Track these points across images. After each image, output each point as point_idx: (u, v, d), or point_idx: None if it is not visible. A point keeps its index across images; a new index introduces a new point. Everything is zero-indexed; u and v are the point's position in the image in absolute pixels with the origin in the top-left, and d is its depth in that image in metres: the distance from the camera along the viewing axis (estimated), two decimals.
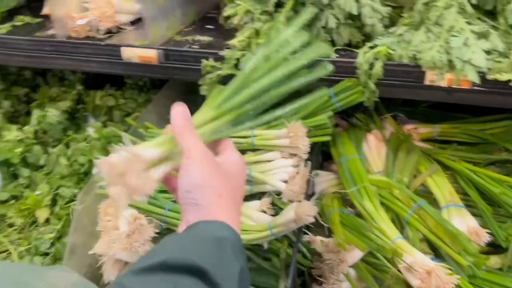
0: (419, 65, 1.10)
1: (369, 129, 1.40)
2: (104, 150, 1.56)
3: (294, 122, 1.15)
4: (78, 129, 1.66)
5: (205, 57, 1.27)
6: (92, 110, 1.68)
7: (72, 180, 1.51)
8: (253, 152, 1.23)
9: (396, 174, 1.28)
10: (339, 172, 1.25)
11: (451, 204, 1.18)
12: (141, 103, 1.67)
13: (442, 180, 1.25)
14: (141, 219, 1.09)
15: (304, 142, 1.14)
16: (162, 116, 1.57)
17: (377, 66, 1.13)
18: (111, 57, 1.38)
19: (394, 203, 1.15)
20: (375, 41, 1.18)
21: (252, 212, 1.14)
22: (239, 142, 1.21)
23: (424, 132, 1.50)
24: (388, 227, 1.08)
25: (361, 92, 1.16)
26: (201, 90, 1.29)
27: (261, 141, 1.19)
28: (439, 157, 1.34)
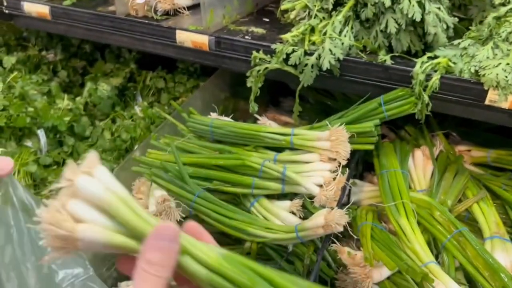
0: (481, 82, 1.02)
1: (418, 145, 1.32)
2: (147, 129, 1.58)
3: (337, 126, 1.10)
4: (126, 107, 1.69)
5: (256, 48, 1.25)
6: (142, 89, 1.71)
7: (113, 155, 1.54)
8: (291, 151, 1.20)
9: (440, 195, 1.20)
10: (379, 184, 1.19)
11: (496, 236, 1.09)
12: (189, 88, 1.67)
13: (489, 208, 1.16)
14: (170, 202, 1.09)
15: (345, 147, 1.10)
16: (207, 103, 1.56)
17: (435, 78, 1.07)
18: (165, 39, 1.39)
19: (433, 225, 1.08)
20: (436, 52, 1.11)
21: (281, 212, 1.10)
22: (277, 139, 1.18)
23: (478, 156, 1.41)
24: (422, 249, 1.01)
25: (414, 103, 1.10)
26: (247, 82, 1.27)
27: (300, 141, 1.15)
28: (490, 184, 1.25)
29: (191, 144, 1.29)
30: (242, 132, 1.23)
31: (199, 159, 1.18)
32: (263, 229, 1.03)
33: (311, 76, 1.19)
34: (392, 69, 1.13)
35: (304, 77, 1.19)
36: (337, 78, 1.19)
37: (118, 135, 1.58)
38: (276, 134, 1.19)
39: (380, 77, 1.15)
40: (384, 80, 1.15)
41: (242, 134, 1.23)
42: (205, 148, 1.26)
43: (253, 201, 1.14)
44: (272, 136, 1.19)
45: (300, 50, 1.18)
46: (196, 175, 1.16)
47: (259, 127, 1.22)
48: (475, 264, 0.98)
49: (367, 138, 1.13)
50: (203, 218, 1.09)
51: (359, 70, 1.16)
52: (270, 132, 1.20)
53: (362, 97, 1.19)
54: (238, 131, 1.23)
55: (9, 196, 0.93)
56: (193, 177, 1.15)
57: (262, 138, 1.21)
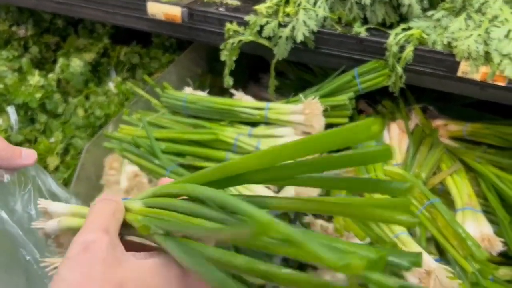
0: (453, 53, 1.02)
1: (394, 118, 1.32)
2: (121, 105, 1.55)
3: (311, 99, 1.09)
4: (100, 83, 1.65)
5: (230, 20, 1.22)
6: (116, 65, 1.67)
7: (87, 132, 1.51)
8: (266, 125, 1.19)
9: (415, 168, 1.21)
10: None
11: (468, 207, 1.10)
12: (165, 64, 1.64)
13: (462, 180, 1.17)
14: (141, 177, 1.07)
15: (319, 121, 1.09)
16: (182, 79, 1.54)
17: (408, 49, 1.06)
18: (137, 11, 1.35)
19: None
20: (410, 23, 1.10)
21: (255, 187, 1.10)
22: (251, 114, 1.16)
23: (454, 130, 1.41)
24: None
25: (387, 75, 1.09)
26: (221, 55, 1.25)
27: (275, 115, 1.14)
28: (464, 157, 1.26)
29: (165, 119, 1.27)
30: (217, 107, 1.21)
31: (172, 134, 1.17)
32: None
33: (285, 49, 1.17)
34: (366, 41, 1.11)
35: (278, 50, 1.17)
36: (312, 51, 1.17)
37: (91, 112, 1.54)
38: (251, 108, 1.18)
39: (355, 49, 1.13)
40: (359, 52, 1.13)
41: (217, 109, 1.21)
42: (179, 123, 1.24)
43: None
44: (246, 111, 1.18)
45: (274, 22, 1.16)
46: (169, 150, 1.14)
47: (234, 102, 1.20)
48: (445, 234, 0.99)
49: (342, 111, 1.12)
50: None
51: (334, 43, 1.15)
52: (245, 107, 1.18)
53: (338, 69, 1.18)
54: (212, 106, 1.21)
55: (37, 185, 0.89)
56: (166, 152, 1.14)
57: (236, 113, 1.19)
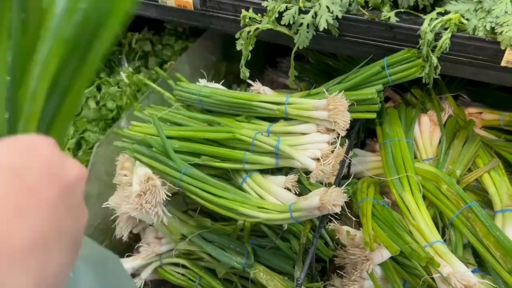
0: (497, 41, 0.90)
1: (425, 109, 1.22)
2: (134, 97, 1.48)
3: (335, 93, 1.00)
4: (112, 72, 1.58)
5: (246, 7, 1.13)
6: (127, 53, 1.59)
7: (99, 125, 1.45)
8: (286, 121, 1.10)
9: (448, 164, 1.11)
10: (381, 155, 1.10)
11: (508, 209, 1.00)
12: (178, 51, 1.55)
13: (501, 178, 1.07)
14: (154, 180, 1.01)
15: (344, 117, 0.99)
16: (196, 68, 1.45)
17: (445, 37, 0.95)
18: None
19: (440, 199, 0.99)
20: (446, 7, 0.98)
21: (275, 188, 1.02)
22: (270, 109, 1.08)
23: (489, 118, 1.30)
24: (428, 227, 0.93)
25: (420, 66, 0.98)
26: (237, 45, 1.15)
27: (295, 111, 1.05)
28: (502, 151, 1.15)
29: (178, 115, 1.19)
30: (232, 102, 1.12)
31: (185, 132, 1.09)
32: (255, 208, 0.95)
33: (307, 37, 1.07)
34: (396, 28, 1.01)
35: (299, 38, 1.07)
36: (336, 39, 1.07)
37: (103, 103, 1.48)
38: (269, 103, 1.09)
39: (384, 36, 1.03)
40: (388, 40, 1.03)
41: (232, 104, 1.13)
42: (193, 120, 1.16)
43: (246, 176, 1.05)
44: (264, 106, 1.09)
45: (294, 7, 1.06)
46: (183, 149, 1.06)
47: (251, 96, 1.11)
48: (485, 242, 0.90)
49: (369, 105, 1.03)
50: (191, 197, 1.01)
51: (361, 29, 1.04)
52: (263, 101, 1.09)
53: (365, 58, 1.08)
54: (228, 100, 1.13)
55: None
56: (180, 152, 1.06)
57: (254, 108, 1.11)
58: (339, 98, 0.99)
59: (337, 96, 0.99)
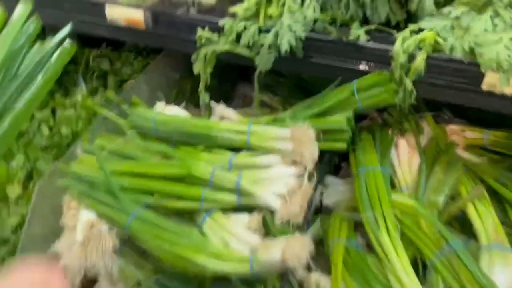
0: (477, 63, 0.81)
1: (403, 129, 1.11)
2: (90, 121, 1.36)
3: (299, 124, 0.89)
4: (67, 93, 1.46)
5: (201, 25, 1.02)
6: (84, 72, 1.47)
7: (52, 153, 1.33)
8: (249, 151, 0.99)
9: (429, 194, 1.01)
10: (355, 187, 1.00)
11: (495, 245, 0.91)
12: (138, 69, 1.43)
13: (487, 209, 0.98)
14: (99, 226, 0.89)
15: (311, 148, 0.89)
16: (157, 87, 1.33)
17: (419, 58, 0.85)
18: (95, 16, 1.14)
19: (419, 237, 0.90)
20: (421, 24, 0.88)
21: (237, 230, 0.91)
22: (231, 139, 0.97)
23: (472, 137, 1.21)
24: (406, 272, 0.83)
25: (393, 91, 0.88)
26: (194, 67, 1.04)
27: (258, 141, 0.95)
28: (486, 176, 1.06)
29: (132, 145, 1.07)
30: (190, 131, 1.01)
31: (137, 168, 0.98)
32: (213, 257, 0.84)
33: (269, 59, 0.96)
34: (366, 49, 0.90)
35: (260, 60, 0.97)
36: (301, 60, 0.96)
37: (58, 129, 1.35)
38: (231, 132, 0.98)
39: (353, 57, 0.93)
40: (358, 61, 0.92)
41: (191, 133, 1.02)
42: (148, 151, 1.04)
43: (205, 215, 0.95)
44: (225, 135, 0.98)
45: (254, 26, 0.95)
46: (134, 187, 0.95)
47: (210, 124, 1.00)
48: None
49: (339, 134, 0.93)
50: (141, 244, 0.90)
51: (327, 50, 0.94)
52: (224, 130, 0.99)
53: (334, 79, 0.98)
54: (185, 130, 1.02)
55: None
56: (131, 190, 0.95)
57: (214, 137, 1.00)
58: (304, 128, 0.89)
59: (302, 126, 0.89)
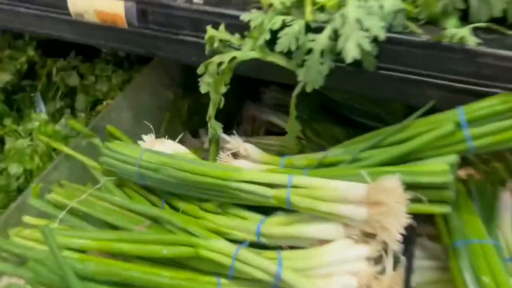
0: None
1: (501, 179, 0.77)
2: (49, 158, 0.99)
3: (384, 177, 0.55)
4: (21, 118, 1.09)
5: (213, 21, 0.67)
6: (45, 89, 1.11)
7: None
8: (288, 214, 0.64)
9: None
10: (451, 266, 0.65)
11: None
12: (117, 85, 1.07)
13: None
14: None
15: (397, 217, 0.54)
16: (141, 112, 0.98)
17: None
18: (54, 10, 0.79)
19: None
20: None
21: None
22: (259, 194, 0.62)
23: None
24: None
25: None
26: (201, 85, 0.69)
27: (306, 201, 0.60)
28: None
29: (104, 202, 0.71)
30: (197, 181, 0.66)
31: (109, 244, 0.61)
32: None
33: (319, 72, 0.62)
34: (480, 56, 0.57)
35: (307, 74, 0.62)
36: (369, 75, 0.62)
37: (5, 167, 0.98)
38: (259, 184, 0.63)
39: (457, 71, 0.59)
40: (465, 77, 0.59)
41: (197, 185, 0.66)
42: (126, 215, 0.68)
43: None
44: (250, 189, 0.63)
45: (298, 23, 0.61)
46: (103, 277, 0.59)
47: (227, 173, 0.65)
48: None
49: (437, 191, 0.58)
50: None
51: (415, 59, 0.60)
52: (247, 181, 0.63)
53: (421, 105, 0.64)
54: (187, 179, 0.66)
55: None
56: (98, 282, 0.59)
57: (232, 192, 0.64)
58: (390, 185, 0.54)
59: (388, 180, 0.54)
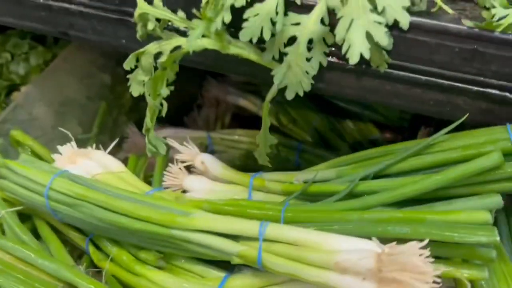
0: None
1: None
2: None
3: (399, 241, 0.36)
4: None
5: None
6: None
7: None
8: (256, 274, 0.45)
9: None
10: None
11: None
12: (35, 67, 0.82)
13: None
14: None
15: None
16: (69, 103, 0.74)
17: None
18: None
19: None
20: None
21: None
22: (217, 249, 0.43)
23: None
24: None
25: None
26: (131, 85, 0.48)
27: (283, 261, 0.41)
28: None
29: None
30: (127, 226, 0.45)
31: None
32: None
33: (306, 72, 0.41)
34: None
35: (287, 74, 0.42)
36: (379, 76, 0.42)
37: None
38: (215, 234, 0.43)
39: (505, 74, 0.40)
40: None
41: (128, 230, 0.46)
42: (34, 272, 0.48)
43: None
44: (206, 243, 0.43)
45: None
46: None
47: (170, 217, 0.45)
48: None
49: (472, 250, 0.40)
50: None
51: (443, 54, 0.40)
52: (198, 231, 0.44)
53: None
54: (113, 222, 0.46)
55: None
56: None
57: (178, 243, 0.45)
58: (411, 255, 0.36)
59: (407, 249, 0.36)
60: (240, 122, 1.05)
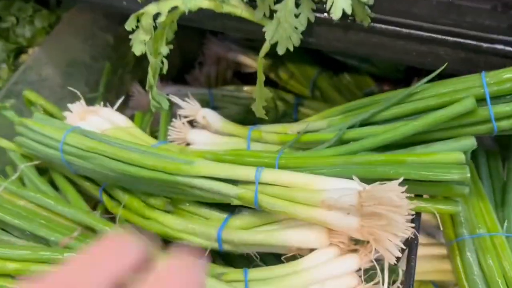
0: None
1: None
2: None
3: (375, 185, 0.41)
4: None
5: None
6: None
7: None
8: (254, 214, 0.50)
9: None
10: (453, 263, 0.54)
11: None
12: (40, 29, 0.85)
13: None
14: None
15: (399, 231, 0.42)
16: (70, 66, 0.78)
17: None
18: None
19: None
20: None
21: None
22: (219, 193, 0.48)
23: None
24: None
25: None
26: (134, 45, 0.51)
27: (277, 201, 0.46)
28: None
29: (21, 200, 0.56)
30: (135, 174, 0.50)
31: (27, 264, 0.47)
32: None
33: (294, 28, 0.44)
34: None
35: (277, 30, 0.45)
36: (363, 30, 0.46)
37: None
38: (217, 180, 0.48)
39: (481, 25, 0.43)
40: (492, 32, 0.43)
41: (136, 177, 0.51)
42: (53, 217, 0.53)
43: None
44: (207, 186, 0.48)
45: None
46: None
47: (175, 165, 0.49)
48: None
49: (446, 186, 0.45)
50: None
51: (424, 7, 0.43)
52: (203, 177, 0.48)
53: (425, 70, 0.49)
54: (123, 171, 0.51)
55: None
56: None
57: (183, 189, 0.50)
58: (389, 192, 0.40)
59: (385, 188, 0.40)
60: (241, 78, 1.08)
